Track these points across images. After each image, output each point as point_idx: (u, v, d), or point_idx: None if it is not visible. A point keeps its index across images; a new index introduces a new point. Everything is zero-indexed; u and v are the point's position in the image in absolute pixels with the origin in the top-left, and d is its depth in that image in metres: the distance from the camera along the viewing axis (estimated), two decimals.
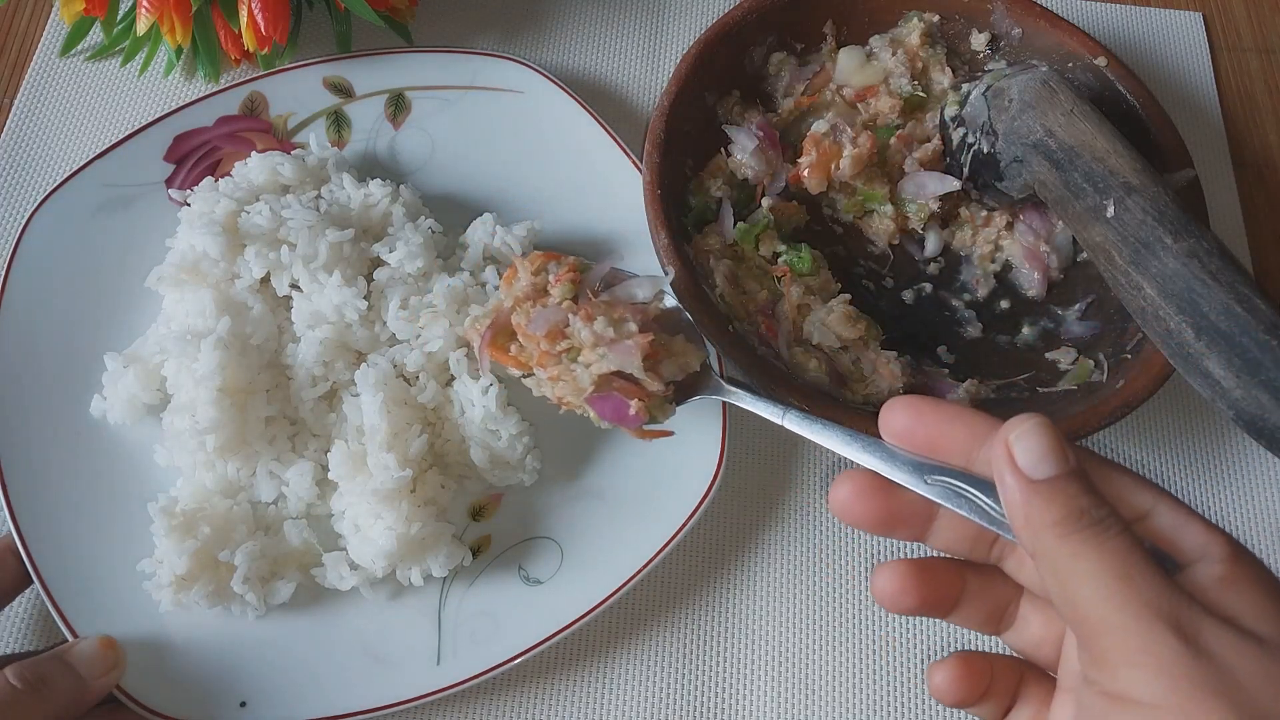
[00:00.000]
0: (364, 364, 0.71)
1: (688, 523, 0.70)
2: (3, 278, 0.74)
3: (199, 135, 0.82)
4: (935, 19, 0.85)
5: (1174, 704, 0.36)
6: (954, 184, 0.79)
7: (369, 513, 0.67)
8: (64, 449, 0.71)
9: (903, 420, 0.46)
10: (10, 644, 0.69)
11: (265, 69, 0.86)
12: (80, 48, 0.90)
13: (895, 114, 0.82)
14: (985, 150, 0.75)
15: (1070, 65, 0.82)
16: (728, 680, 0.72)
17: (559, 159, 0.84)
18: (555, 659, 0.71)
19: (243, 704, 0.65)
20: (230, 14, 0.82)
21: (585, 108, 0.84)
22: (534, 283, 0.66)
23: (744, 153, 0.79)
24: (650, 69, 0.95)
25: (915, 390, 0.72)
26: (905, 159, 0.80)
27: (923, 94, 0.83)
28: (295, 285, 0.73)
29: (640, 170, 0.76)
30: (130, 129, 0.81)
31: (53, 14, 0.92)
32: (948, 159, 0.80)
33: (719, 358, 0.72)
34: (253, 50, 0.81)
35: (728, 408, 0.72)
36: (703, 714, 0.70)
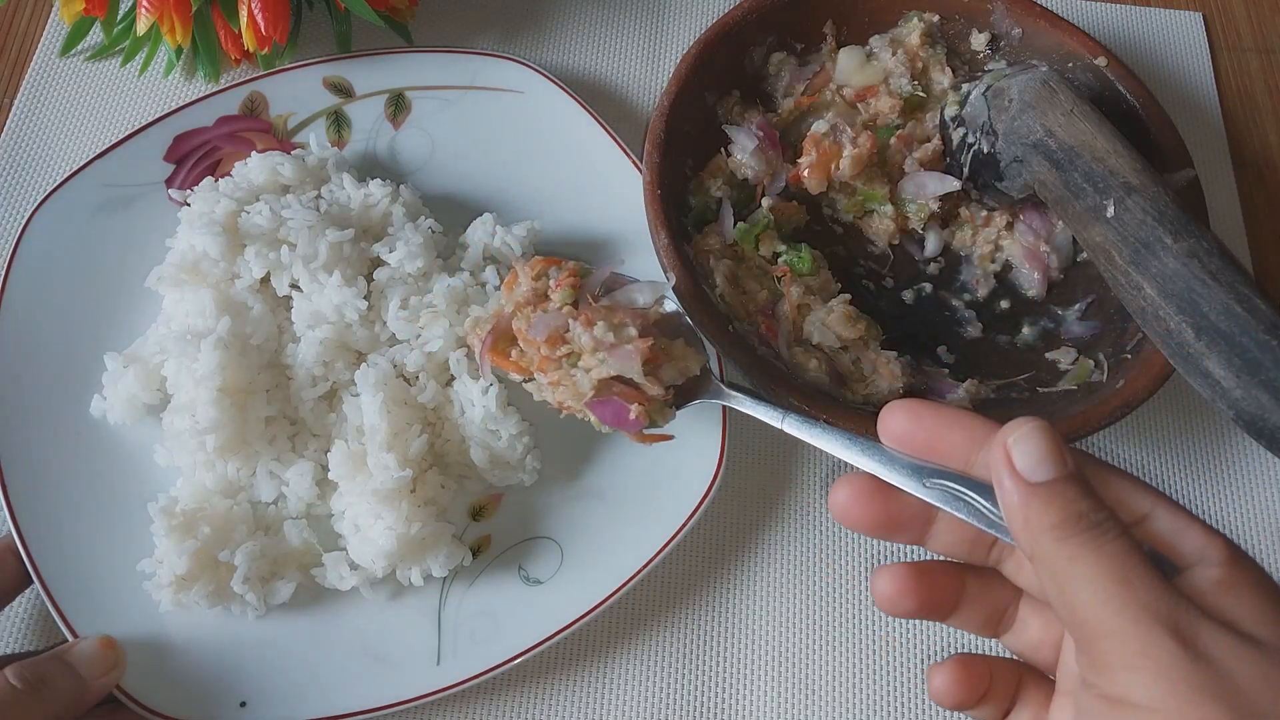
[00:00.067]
0: (364, 364, 0.71)
1: (688, 523, 0.70)
2: (3, 278, 0.74)
3: (199, 135, 0.82)
4: (935, 19, 0.85)
5: (1172, 707, 0.36)
6: (954, 184, 0.78)
7: (369, 513, 0.67)
8: (64, 449, 0.71)
9: (901, 424, 0.46)
10: (10, 644, 0.69)
11: (265, 69, 0.86)
12: (80, 48, 0.90)
13: (895, 114, 0.82)
14: (985, 150, 0.75)
15: (1070, 65, 0.82)
16: (728, 680, 0.72)
17: (559, 159, 0.84)
18: (555, 659, 0.71)
19: (243, 704, 0.65)
20: (230, 14, 0.82)
21: (585, 108, 0.84)
22: (534, 288, 0.66)
23: (744, 153, 0.79)
24: (650, 69, 0.95)
25: (915, 390, 0.72)
26: (905, 159, 0.80)
27: (923, 94, 0.83)
28: (295, 285, 0.73)
29: (640, 170, 0.76)
30: (130, 129, 0.81)
31: (53, 14, 0.92)
32: (948, 159, 0.80)
33: (719, 360, 0.72)
34: (253, 50, 0.81)
35: (728, 409, 0.72)
36: (703, 714, 0.70)
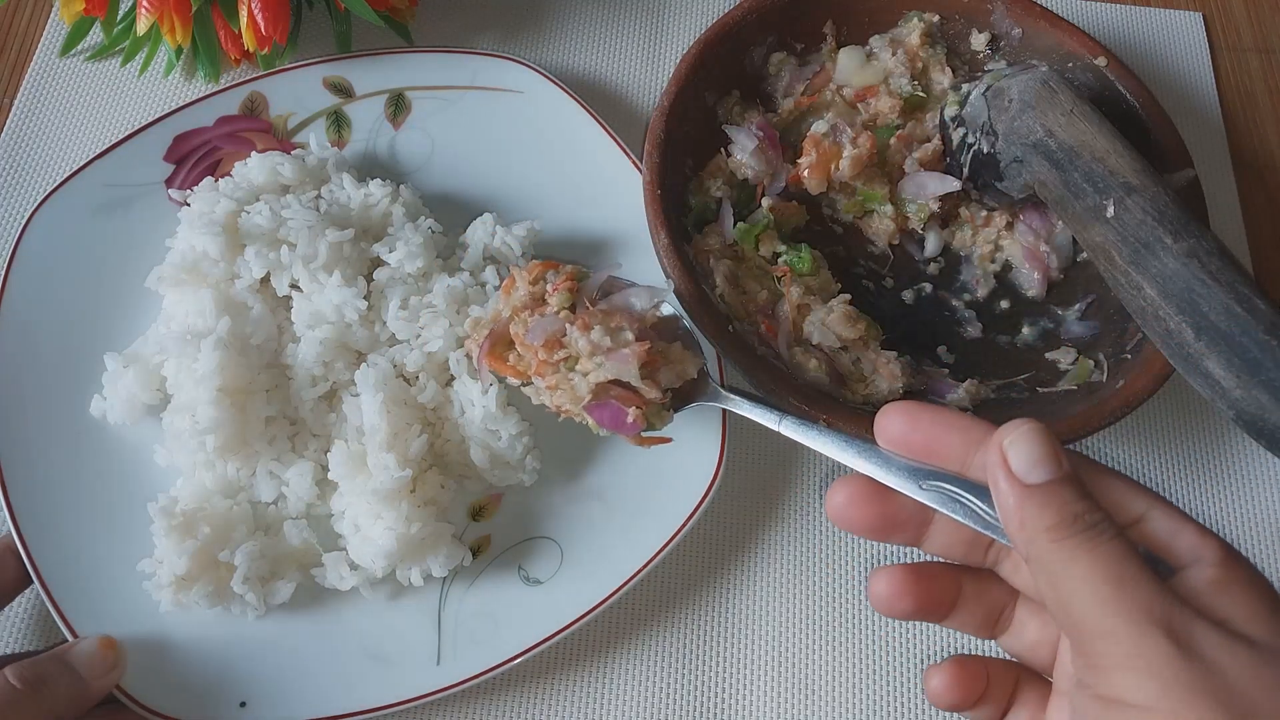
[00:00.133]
0: (364, 364, 0.71)
1: (687, 523, 0.70)
2: (3, 278, 0.74)
3: (199, 135, 0.82)
4: (935, 19, 0.85)
5: (1166, 707, 0.36)
6: (954, 184, 0.78)
7: (369, 513, 0.67)
8: (64, 449, 0.71)
9: (898, 426, 0.46)
10: (10, 644, 0.69)
11: (265, 69, 0.86)
12: (80, 48, 0.90)
13: (895, 114, 0.82)
14: (985, 150, 0.75)
15: (1070, 65, 0.82)
16: (728, 680, 0.72)
17: (559, 159, 0.84)
18: (555, 659, 0.71)
19: (243, 704, 0.65)
20: (230, 14, 0.82)
21: (585, 108, 0.84)
22: (532, 292, 0.66)
23: (744, 153, 0.79)
24: (650, 69, 0.95)
25: (915, 390, 0.72)
26: (905, 159, 0.80)
27: (923, 94, 0.83)
28: (295, 285, 0.73)
29: (640, 170, 0.76)
30: (130, 129, 0.81)
31: (53, 14, 0.92)
32: (948, 159, 0.80)
33: (718, 362, 0.72)
34: (253, 50, 0.82)
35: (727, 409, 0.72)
36: (703, 714, 0.71)
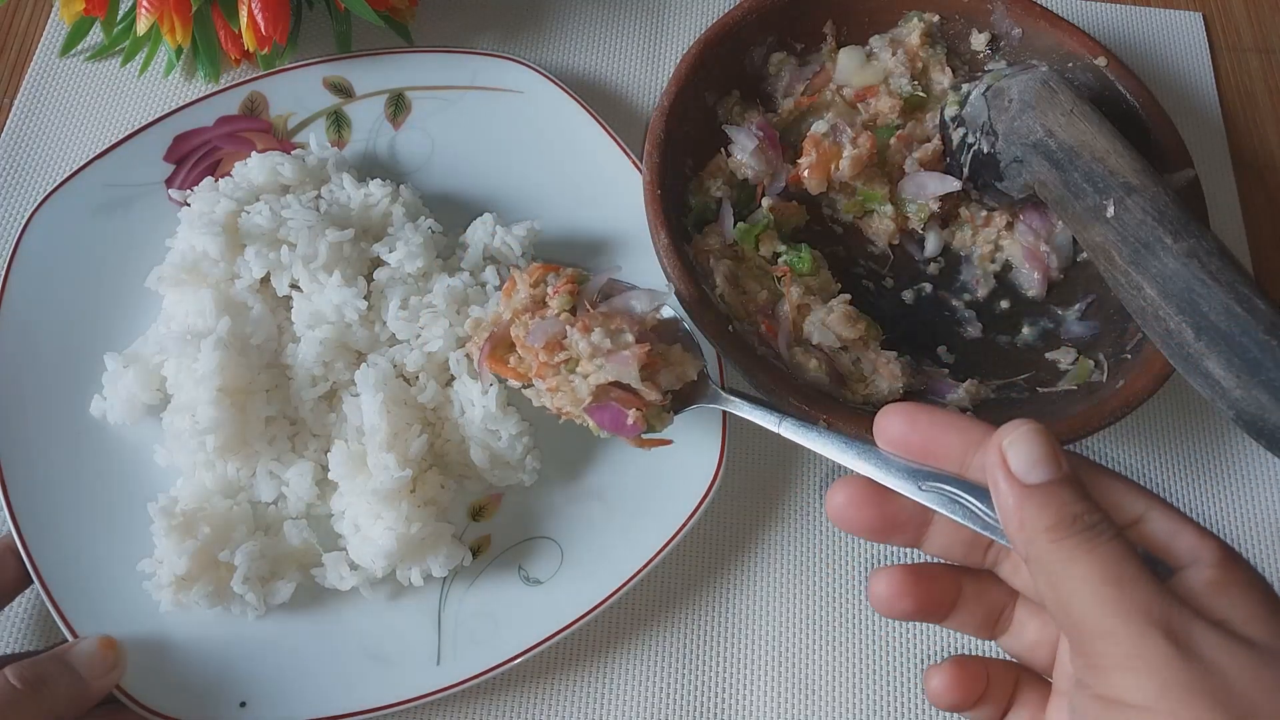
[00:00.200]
0: (364, 364, 0.71)
1: (687, 523, 0.70)
2: (3, 278, 0.74)
3: (199, 135, 0.82)
4: (935, 19, 0.85)
5: (1165, 707, 0.36)
6: (954, 184, 0.78)
7: (369, 513, 0.67)
8: (64, 449, 0.71)
9: (897, 427, 0.46)
10: (10, 644, 0.69)
11: (265, 69, 0.86)
12: (80, 48, 0.90)
13: (895, 114, 0.82)
14: (985, 150, 0.75)
15: (1070, 65, 0.82)
16: (728, 680, 0.72)
17: (559, 159, 0.84)
18: (555, 659, 0.71)
19: (243, 704, 0.65)
20: (230, 14, 0.82)
21: (585, 108, 0.84)
22: (532, 295, 0.66)
23: (744, 153, 0.79)
24: (650, 69, 0.95)
25: (915, 390, 0.72)
26: (905, 159, 0.80)
27: (923, 94, 0.83)
28: (295, 285, 0.74)
29: (640, 170, 0.76)
30: (130, 129, 0.81)
31: (53, 14, 0.92)
32: (948, 159, 0.80)
33: (718, 364, 0.72)
34: (253, 50, 0.82)
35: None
36: (703, 714, 0.71)
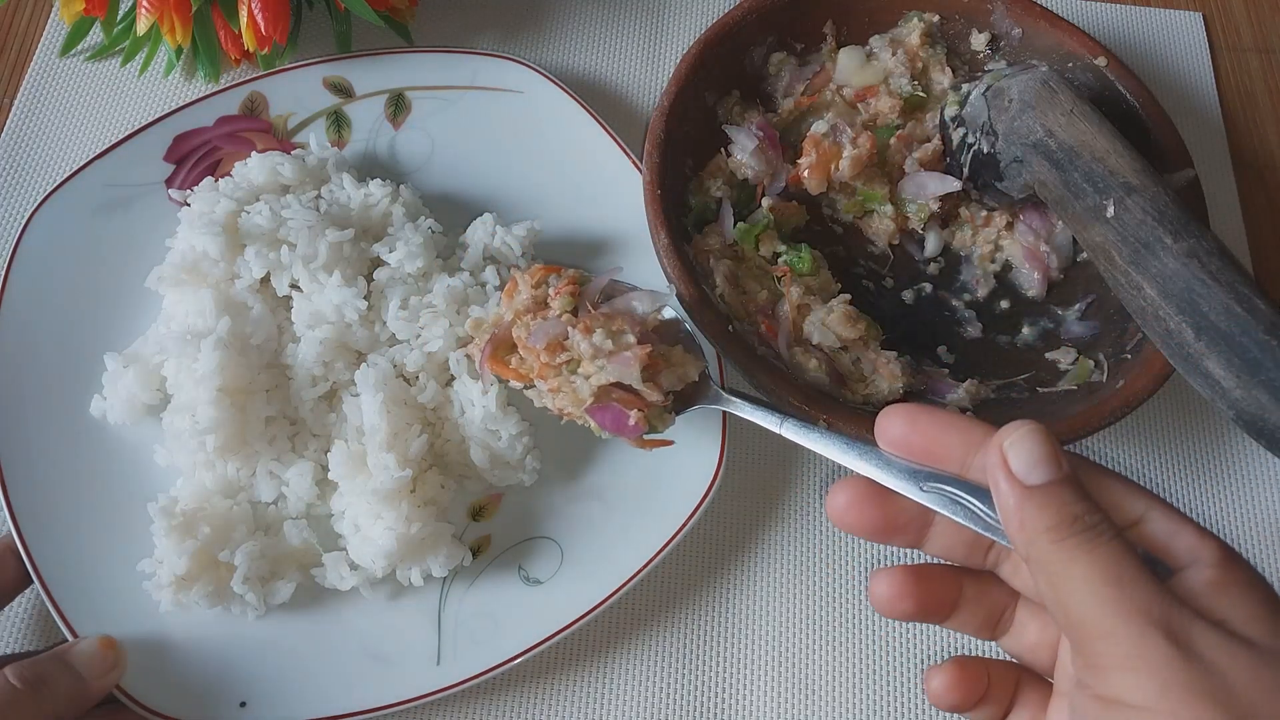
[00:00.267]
0: (364, 364, 0.71)
1: (687, 523, 0.70)
2: (3, 278, 0.74)
3: (199, 135, 0.82)
4: (935, 19, 0.85)
5: (1165, 707, 0.36)
6: (954, 184, 0.78)
7: (369, 513, 0.67)
8: (64, 449, 0.71)
9: (898, 428, 0.46)
10: (10, 644, 0.69)
11: (265, 69, 0.86)
12: (80, 48, 0.90)
13: (895, 114, 0.82)
14: (985, 150, 0.75)
15: (1070, 65, 0.82)
16: (728, 680, 0.72)
17: (559, 159, 0.84)
18: (555, 659, 0.71)
19: (243, 704, 0.65)
20: (230, 14, 0.82)
21: (585, 108, 0.84)
22: (534, 296, 0.66)
23: (744, 153, 0.79)
24: (650, 69, 0.95)
25: (915, 390, 0.72)
26: (905, 159, 0.80)
27: (923, 94, 0.83)
28: (295, 285, 0.74)
29: (640, 170, 0.76)
30: (130, 129, 0.81)
31: (53, 14, 0.92)
32: (948, 159, 0.80)
33: (719, 365, 0.72)
34: (253, 50, 0.82)
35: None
36: (703, 714, 0.71)
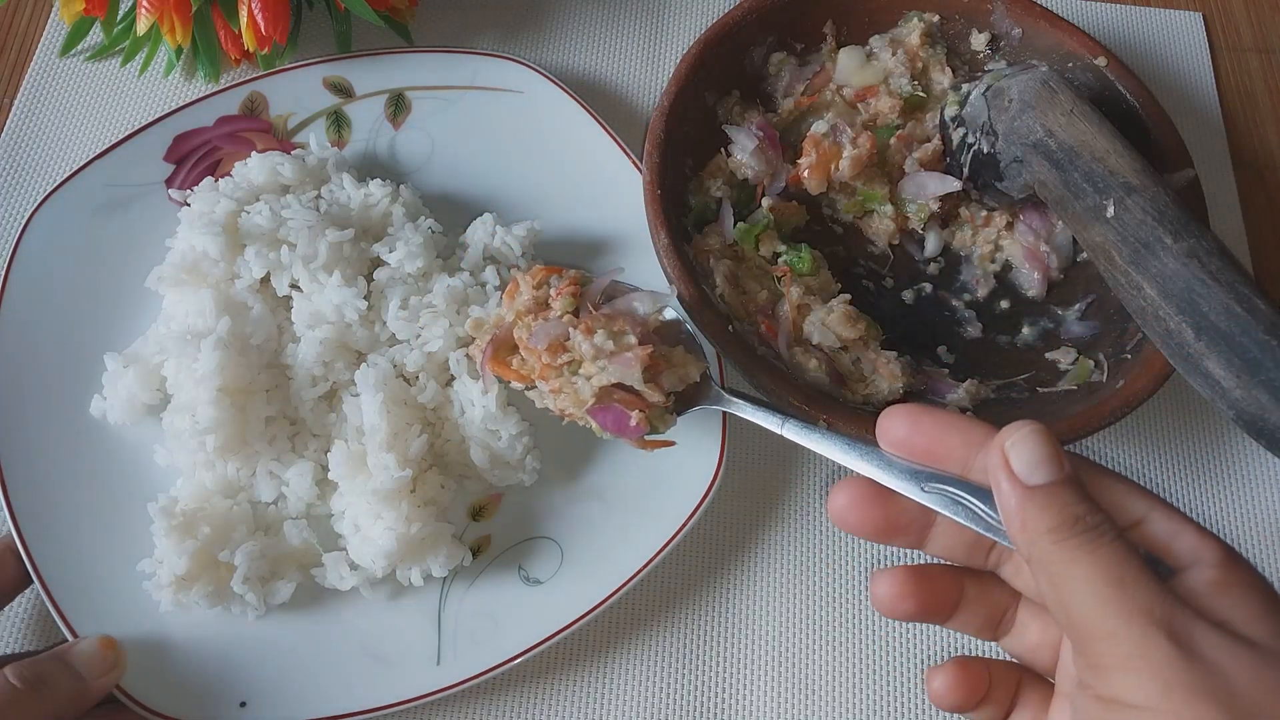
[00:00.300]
0: (364, 364, 0.71)
1: (687, 523, 0.70)
2: (3, 278, 0.74)
3: (199, 135, 0.82)
4: (935, 19, 0.85)
5: (1167, 708, 0.36)
6: (954, 184, 0.78)
7: (369, 513, 0.67)
8: (64, 449, 0.71)
9: (900, 429, 0.46)
10: (10, 644, 0.69)
11: (265, 69, 0.86)
12: (80, 48, 0.90)
13: (895, 114, 0.82)
14: (985, 150, 0.75)
15: (1070, 65, 0.82)
16: (728, 680, 0.72)
17: (559, 159, 0.84)
18: (555, 659, 0.71)
19: (243, 704, 0.65)
20: (230, 14, 0.82)
21: (585, 108, 0.84)
22: (535, 296, 0.66)
23: (744, 153, 0.79)
24: (650, 69, 0.95)
25: (915, 390, 0.72)
26: (905, 159, 0.80)
27: (923, 94, 0.83)
28: (295, 285, 0.73)
29: (640, 170, 0.76)
30: (130, 129, 0.81)
31: (53, 14, 0.92)
32: (948, 159, 0.80)
33: (719, 366, 0.72)
34: (253, 50, 0.81)
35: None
36: (703, 714, 0.71)
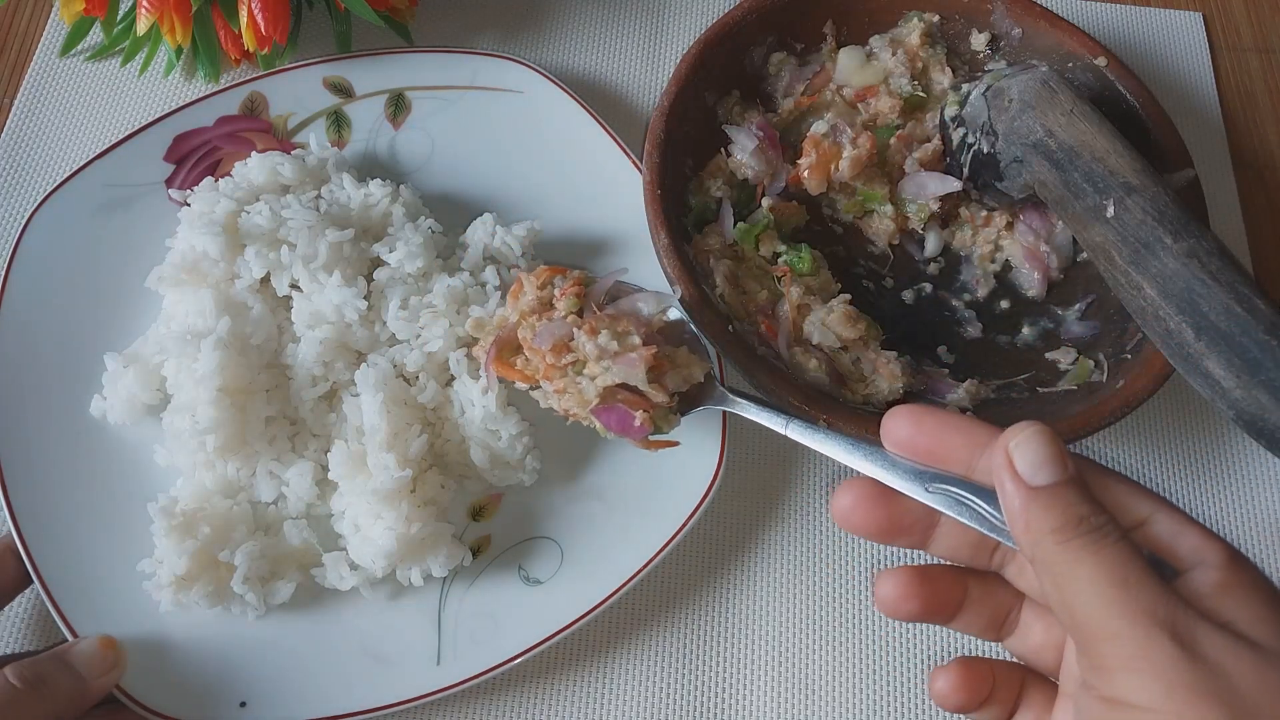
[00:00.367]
0: (364, 364, 0.71)
1: (687, 523, 0.70)
2: (3, 278, 0.74)
3: (199, 135, 0.82)
4: (935, 19, 0.85)
5: (1170, 709, 0.36)
6: (954, 184, 0.78)
7: (369, 513, 0.67)
8: (64, 449, 0.71)
9: (904, 429, 0.46)
10: (10, 644, 0.69)
11: (265, 69, 0.86)
12: (80, 48, 0.90)
13: (895, 114, 0.82)
14: (985, 150, 0.75)
15: (1070, 65, 0.82)
16: (728, 680, 0.72)
17: (559, 159, 0.84)
18: (555, 659, 0.71)
19: (243, 704, 0.65)
20: (230, 14, 0.82)
21: (585, 108, 0.84)
22: (539, 297, 0.66)
23: (744, 153, 0.79)
24: (650, 69, 0.94)
25: (915, 390, 0.72)
26: (905, 159, 0.80)
27: (923, 94, 0.83)
28: (295, 285, 0.73)
29: (640, 170, 0.76)
30: (130, 129, 0.81)
31: (53, 14, 0.92)
32: (948, 159, 0.80)
33: (718, 363, 0.72)
34: (253, 50, 0.81)
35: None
36: (703, 714, 0.70)
